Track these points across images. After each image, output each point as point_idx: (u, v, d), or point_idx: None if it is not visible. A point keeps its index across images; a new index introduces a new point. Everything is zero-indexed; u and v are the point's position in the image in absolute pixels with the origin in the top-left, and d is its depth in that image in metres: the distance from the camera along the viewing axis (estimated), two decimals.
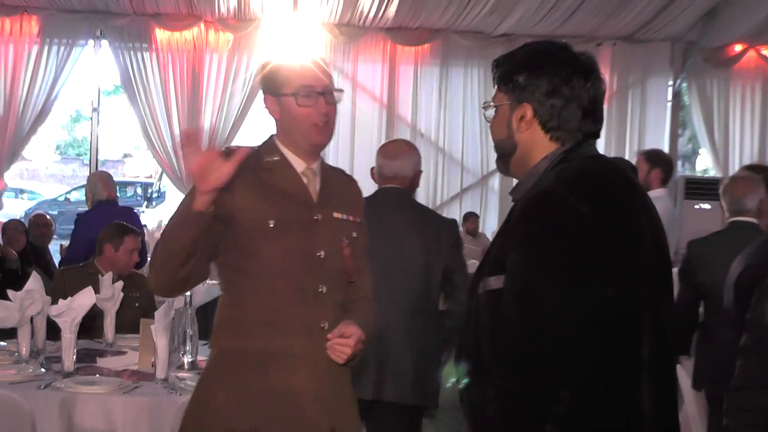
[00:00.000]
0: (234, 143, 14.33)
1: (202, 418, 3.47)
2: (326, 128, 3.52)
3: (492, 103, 2.96)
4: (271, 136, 3.61)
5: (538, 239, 2.66)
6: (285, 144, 3.56)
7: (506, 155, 2.95)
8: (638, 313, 2.71)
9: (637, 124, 15.15)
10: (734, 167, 14.66)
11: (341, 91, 3.62)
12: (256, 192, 3.44)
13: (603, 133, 3.02)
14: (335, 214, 3.56)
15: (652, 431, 2.71)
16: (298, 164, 3.55)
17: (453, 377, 3.10)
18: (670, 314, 2.98)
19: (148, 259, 9.37)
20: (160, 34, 14.01)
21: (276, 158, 3.53)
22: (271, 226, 3.40)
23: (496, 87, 2.95)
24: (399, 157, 5.40)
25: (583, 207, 2.64)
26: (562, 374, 2.56)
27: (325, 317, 3.44)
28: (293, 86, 3.46)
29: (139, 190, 31.09)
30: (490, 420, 2.66)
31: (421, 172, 5.52)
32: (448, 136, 15.00)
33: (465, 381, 2.85)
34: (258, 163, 3.49)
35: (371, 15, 13.98)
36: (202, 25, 14.09)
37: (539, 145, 2.89)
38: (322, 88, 3.49)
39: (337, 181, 3.71)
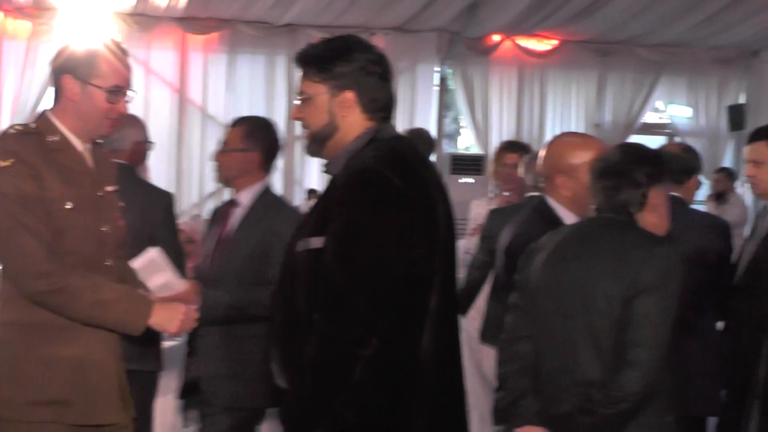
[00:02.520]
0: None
1: (8, 392, 3.24)
2: (116, 122, 3.43)
3: (307, 94, 2.99)
4: (44, 113, 3.38)
5: (359, 208, 2.83)
6: (67, 124, 3.36)
7: (324, 139, 3.02)
8: (431, 273, 2.91)
9: (408, 106, 15.30)
10: (493, 144, 14.98)
11: (134, 92, 3.52)
12: (56, 175, 3.25)
13: None
14: (107, 188, 3.46)
15: (433, 376, 2.88)
16: (78, 144, 3.38)
17: None
18: (455, 274, 3.20)
19: None
20: None
21: (57, 138, 3.32)
22: (69, 207, 3.23)
23: (306, 78, 3.00)
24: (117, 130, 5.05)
25: (397, 182, 2.84)
26: (372, 323, 2.77)
27: None
28: (108, 82, 3.31)
29: None
30: (308, 359, 2.81)
31: (143, 143, 5.29)
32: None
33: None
34: (42, 144, 3.29)
35: (163, 5, 13.64)
36: (1, 13, 13.55)
37: (357, 126, 3.00)
38: (128, 88, 3.40)
39: (101, 155, 3.57)
